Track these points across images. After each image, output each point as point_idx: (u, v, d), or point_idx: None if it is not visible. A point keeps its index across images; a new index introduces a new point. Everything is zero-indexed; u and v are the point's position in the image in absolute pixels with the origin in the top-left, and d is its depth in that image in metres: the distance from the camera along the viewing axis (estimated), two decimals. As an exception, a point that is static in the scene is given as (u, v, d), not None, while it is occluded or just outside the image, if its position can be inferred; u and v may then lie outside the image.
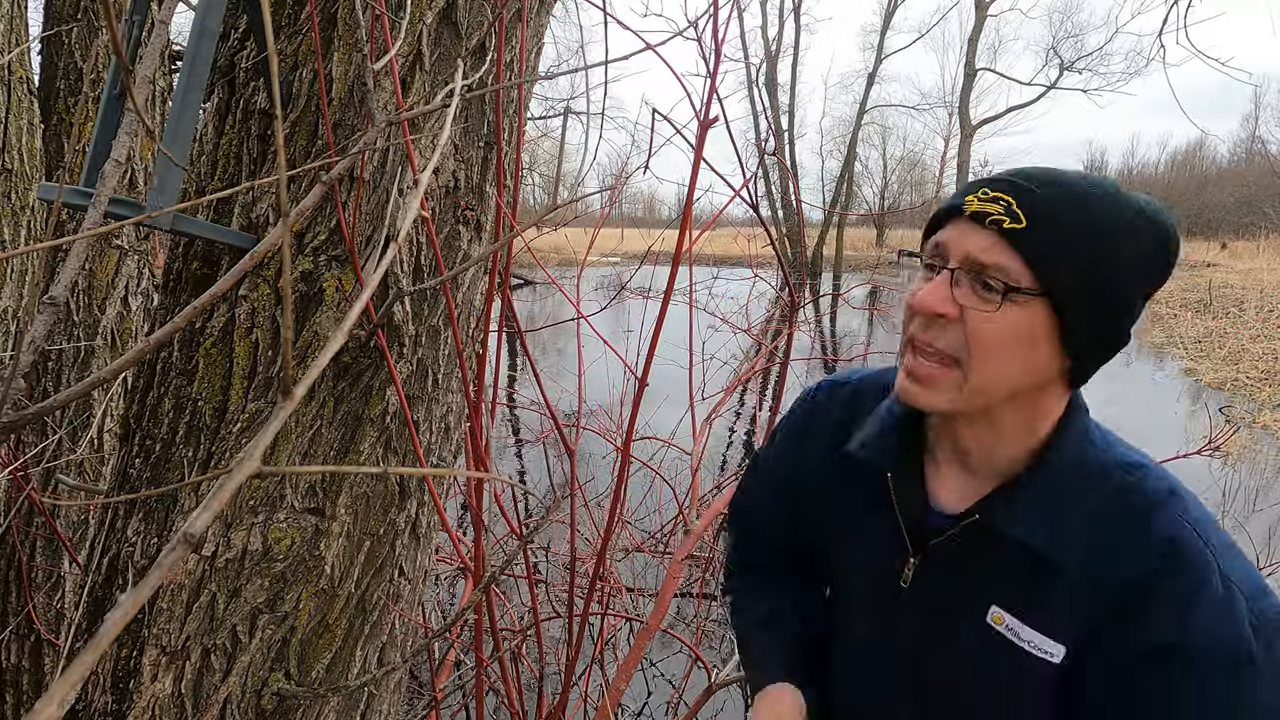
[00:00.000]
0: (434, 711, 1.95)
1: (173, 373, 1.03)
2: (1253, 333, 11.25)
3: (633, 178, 4.16)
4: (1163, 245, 0.65)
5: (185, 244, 1.06)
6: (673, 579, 2.38)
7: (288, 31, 1.01)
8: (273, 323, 1.00)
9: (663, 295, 1.01)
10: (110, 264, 1.95)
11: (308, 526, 1.02)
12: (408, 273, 1.05)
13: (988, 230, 0.63)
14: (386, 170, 1.02)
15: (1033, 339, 0.64)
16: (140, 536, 1.02)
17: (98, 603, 1.06)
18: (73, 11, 1.93)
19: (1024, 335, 0.63)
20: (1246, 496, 5.25)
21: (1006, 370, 0.65)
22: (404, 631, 1.22)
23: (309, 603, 1.03)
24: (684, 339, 2.73)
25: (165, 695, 0.98)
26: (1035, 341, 0.64)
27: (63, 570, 1.92)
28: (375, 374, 1.04)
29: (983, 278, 0.63)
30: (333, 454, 1.03)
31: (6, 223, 1.78)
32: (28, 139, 1.81)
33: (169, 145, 0.86)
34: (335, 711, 1.10)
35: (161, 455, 1.03)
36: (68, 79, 1.94)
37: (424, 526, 1.18)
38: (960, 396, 0.66)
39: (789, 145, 26.19)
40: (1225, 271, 19.01)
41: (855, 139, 27.91)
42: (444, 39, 1.04)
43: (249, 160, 1.02)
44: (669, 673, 3.08)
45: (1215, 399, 8.24)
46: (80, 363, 1.93)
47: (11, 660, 1.87)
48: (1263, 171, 34.72)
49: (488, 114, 1.11)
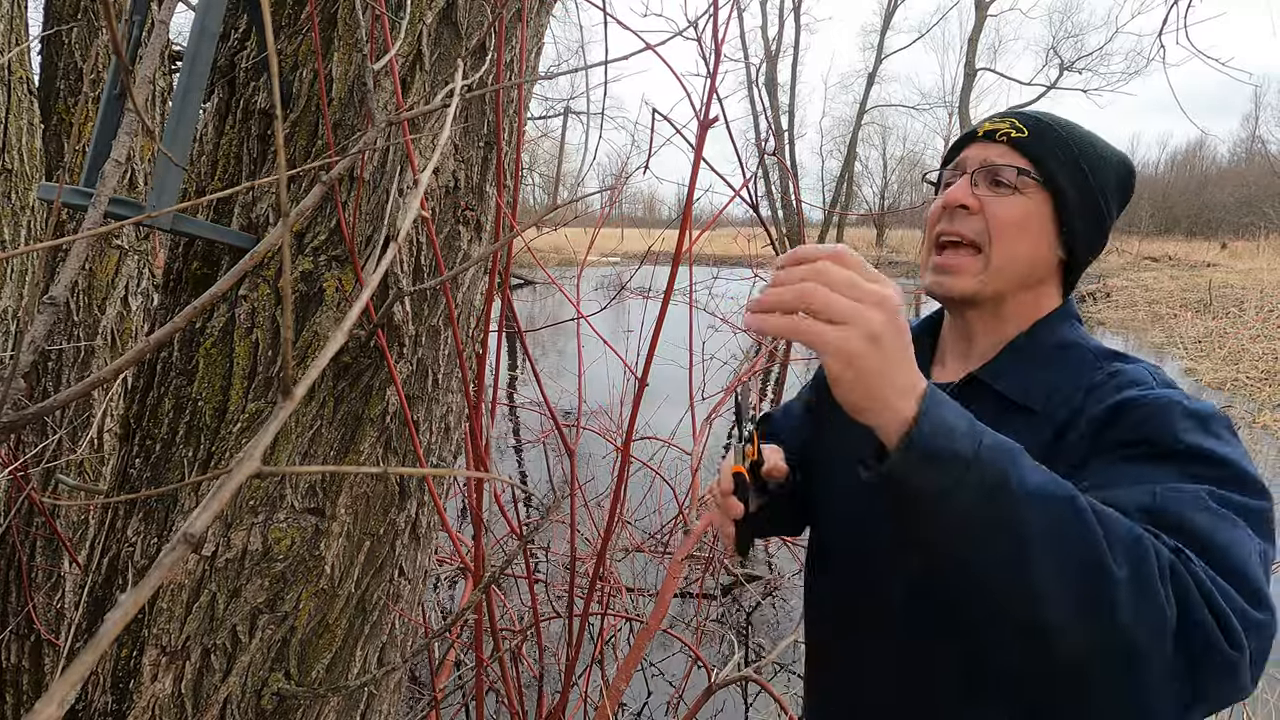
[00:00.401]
0: (434, 711, 1.95)
1: (173, 373, 1.03)
2: (1253, 333, 11.25)
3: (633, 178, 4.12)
4: (1125, 166, 0.84)
5: (185, 244, 1.06)
6: (673, 579, 2.38)
7: (288, 31, 1.01)
8: (273, 323, 1.00)
9: (663, 295, 1.01)
10: (110, 264, 1.95)
11: (308, 526, 1.02)
12: (408, 273, 1.06)
13: (998, 143, 0.81)
14: (386, 170, 1.02)
15: (1040, 224, 0.80)
16: (140, 536, 1.02)
17: (98, 603, 1.06)
18: (73, 11, 1.93)
19: (1032, 220, 0.79)
20: (1246, 496, 5.24)
21: (1018, 249, 0.79)
22: (404, 631, 1.22)
23: (309, 603, 1.03)
24: (684, 339, 2.73)
25: (165, 695, 0.98)
26: (1041, 227, 0.80)
27: (63, 570, 1.92)
28: (375, 374, 1.04)
29: (996, 176, 0.80)
30: (333, 454, 1.03)
31: (6, 223, 1.78)
32: (28, 139, 1.81)
33: (169, 145, 0.86)
34: (335, 711, 1.10)
35: (161, 455, 1.03)
36: (68, 79, 1.94)
37: (424, 526, 1.18)
38: (984, 278, 0.80)
39: (789, 145, 26.19)
40: (1225, 271, 19.01)
41: (855, 139, 27.94)
42: (444, 39, 1.04)
43: (249, 160, 1.02)
44: (669, 673, 3.08)
45: (1215, 399, 8.24)
46: (80, 363, 1.93)
47: (11, 660, 1.87)
48: (1263, 171, 34.70)
49: (488, 114, 1.11)
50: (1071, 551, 0.53)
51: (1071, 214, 0.80)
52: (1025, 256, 0.80)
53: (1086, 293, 17.98)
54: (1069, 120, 0.84)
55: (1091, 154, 0.80)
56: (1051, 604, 0.53)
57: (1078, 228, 0.80)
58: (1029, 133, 0.80)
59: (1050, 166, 0.79)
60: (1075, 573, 0.53)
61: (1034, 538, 0.53)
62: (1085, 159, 0.80)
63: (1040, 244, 0.80)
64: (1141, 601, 0.52)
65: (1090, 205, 0.81)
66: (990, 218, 0.79)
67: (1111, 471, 0.66)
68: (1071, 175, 0.79)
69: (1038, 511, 0.53)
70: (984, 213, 0.80)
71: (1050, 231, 0.80)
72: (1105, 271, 22.25)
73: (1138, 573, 0.53)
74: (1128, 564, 0.53)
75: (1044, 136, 0.80)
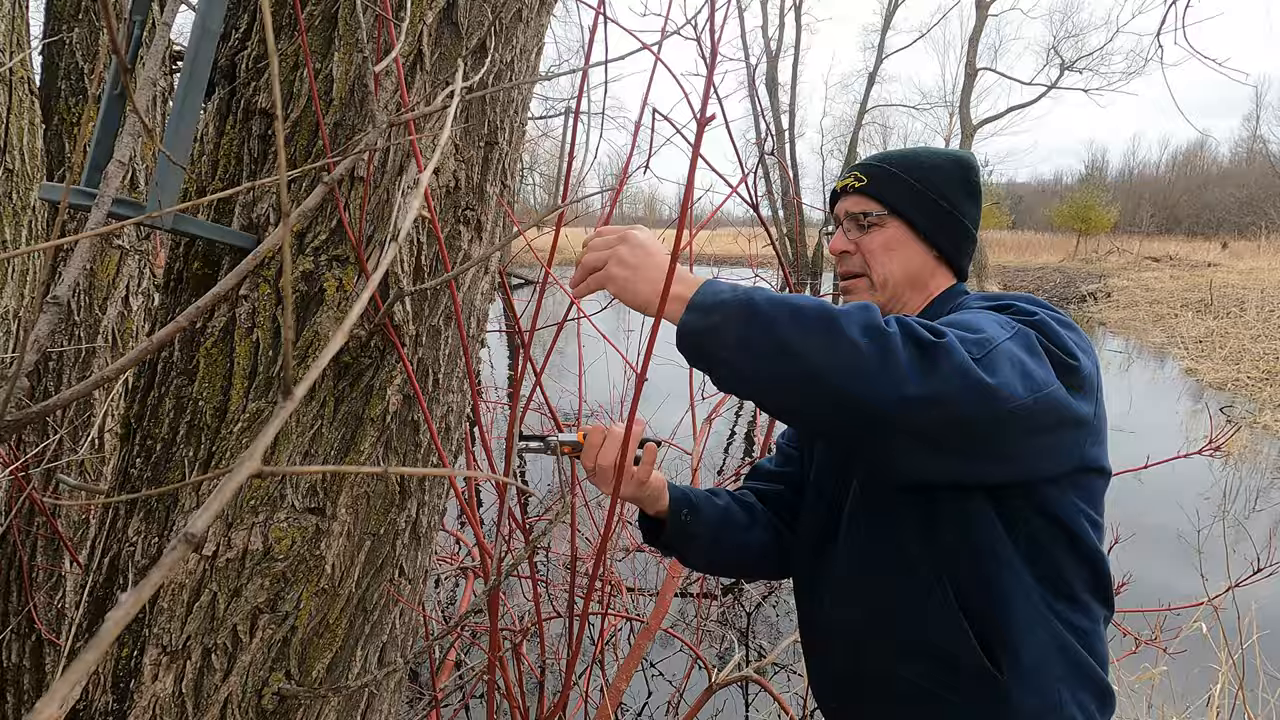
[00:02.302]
0: (434, 711, 1.95)
1: (174, 372, 1.03)
2: (1254, 332, 11.24)
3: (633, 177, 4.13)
4: (959, 162, 1.05)
5: (186, 244, 1.06)
6: (673, 579, 2.38)
7: (288, 31, 1.01)
8: (273, 322, 1.00)
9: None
10: (111, 264, 1.95)
11: (308, 526, 1.02)
12: (408, 273, 1.06)
13: (851, 195, 1.05)
14: (387, 170, 1.02)
15: (901, 242, 1.02)
16: (141, 536, 1.02)
17: (98, 602, 1.06)
18: (74, 12, 1.93)
19: (893, 241, 1.02)
20: (1247, 496, 5.25)
21: (891, 266, 1.02)
22: (404, 631, 1.22)
23: (310, 602, 1.03)
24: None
25: (166, 695, 0.98)
26: (903, 243, 1.02)
27: (63, 570, 1.92)
28: (376, 374, 1.04)
29: (856, 219, 1.05)
30: (333, 454, 1.03)
31: (8, 223, 1.78)
32: (29, 139, 1.81)
33: (169, 145, 0.86)
34: (335, 711, 1.10)
35: (162, 455, 1.03)
36: (69, 79, 1.94)
37: (424, 526, 1.18)
38: (875, 293, 1.04)
39: (790, 145, 26.17)
40: (1226, 271, 18.98)
41: (856, 139, 27.91)
42: (444, 39, 1.05)
43: (250, 160, 1.03)
44: (669, 673, 3.08)
45: (1216, 399, 8.23)
46: (81, 363, 1.93)
47: (12, 660, 1.87)
48: (1264, 171, 34.67)
49: (488, 114, 1.11)
50: (811, 320, 0.72)
51: (921, 224, 1.02)
52: (899, 267, 1.02)
53: (1087, 292, 17.96)
54: (902, 151, 1.06)
55: (919, 171, 1.02)
56: (811, 357, 0.71)
57: (930, 229, 1.02)
58: (868, 179, 1.03)
59: (889, 199, 1.02)
60: (816, 327, 0.72)
61: (780, 321, 0.73)
62: (913, 177, 1.02)
63: (909, 254, 1.02)
64: (867, 329, 0.71)
65: (932, 210, 1.02)
66: (864, 251, 1.04)
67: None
68: (907, 196, 1.02)
69: (780, 311, 0.73)
70: (860, 249, 1.04)
71: (913, 242, 1.02)
72: (1106, 271, 22.23)
73: (863, 309, 0.73)
74: (858, 310, 0.73)
75: (877, 178, 1.03)
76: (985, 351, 0.72)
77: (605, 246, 0.85)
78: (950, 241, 1.04)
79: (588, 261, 0.87)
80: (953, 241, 1.04)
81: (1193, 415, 7.41)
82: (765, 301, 0.74)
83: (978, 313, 0.83)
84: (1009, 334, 0.77)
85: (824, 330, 0.72)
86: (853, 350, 0.70)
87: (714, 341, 0.76)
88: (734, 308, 0.75)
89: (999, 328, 0.77)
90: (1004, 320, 0.80)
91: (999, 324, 0.78)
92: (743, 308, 0.74)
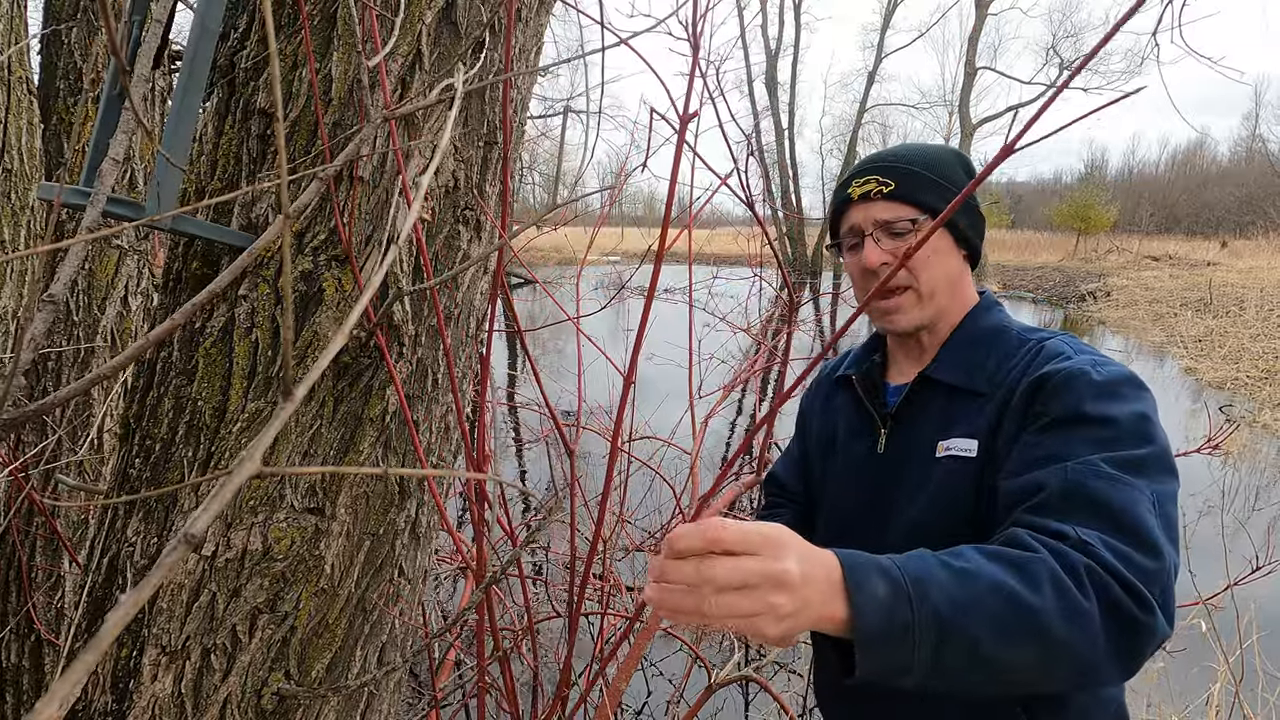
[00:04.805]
0: (434, 711, 1.95)
1: (172, 373, 1.03)
2: (1253, 331, 11.24)
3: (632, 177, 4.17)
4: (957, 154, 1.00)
5: (185, 244, 1.06)
6: (673, 578, 2.37)
7: (287, 31, 1.01)
8: (272, 322, 1.00)
9: (660, 294, 1.01)
10: (110, 264, 1.95)
11: (308, 526, 1.02)
12: (407, 272, 1.06)
13: (876, 200, 0.95)
14: (386, 170, 1.02)
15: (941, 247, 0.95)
16: (140, 536, 1.02)
17: (98, 602, 1.06)
18: (72, 11, 1.93)
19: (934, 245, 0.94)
20: (1246, 496, 5.25)
21: (936, 273, 0.95)
22: (404, 631, 1.22)
23: (309, 602, 1.03)
24: (683, 338, 2.73)
25: (165, 695, 0.98)
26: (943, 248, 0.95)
27: (63, 570, 1.92)
28: (375, 374, 1.04)
29: (892, 229, 0.95)
30: (333, 454, 1.03)
31: (6, 222, 1.78)
32: (27, 139, 1.81)
33: (169, 145, 0.86)
34: (335, 711, 1.10)
35: (161, 455, 1.03)
36: (67, 79, 1.94)
37: (424, 526, 1.18)
38: (922, 307, 0.95)
39: (789, 143, 26.16)
40: (1225, 270, 18.98)
41: (855, 138, 27.90)
42: (443, 38, 1.04)
43: (248, 160, 1.02)
44: (669, 672, 3.08)
45: (1215, 398, 8.24)
46: (80, 363, 1.93)
47: (11, 660, 1.87)
48: (1263, 170, 34.68)
49: (487, 113, 1.11)
50: (1012, 627, 0.61)
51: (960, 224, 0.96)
52: (943, 275, 0.96)
53: (1086, 292, 17.96)
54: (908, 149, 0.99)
55: (938, 167, 0.96)
56: (1019, 669, 0.62)
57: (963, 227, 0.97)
58: (896, 183, 0.94)
59: (927, 202, 0.94)
60: (1022, 637, 0.61)
61: (983, 639, 0.61)
62: (935, 173, 0.95)
63: (948, 259, 0.96)
64: (1070, 616, 0.62)
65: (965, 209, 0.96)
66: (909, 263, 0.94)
67: (1036, 442, 0.79)
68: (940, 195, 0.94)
69: (974, 619, 0.61)
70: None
71: (948, 245, 0.96)
72: (1106, 271, 22.23)
73: (1061, 595, 0.62)
74: (1052, 591, 0.63)
75: (906, 180, 0.95)
76: (1164, 591, 0.66)
77: (739, 587, 0.58)
78: (980, 239, 1.00)
79: (691, 606, 0.59)
80: (980, 239, 1.01)
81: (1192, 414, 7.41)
82: (948, 606, 0.60)
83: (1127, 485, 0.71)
84: (1173, 545, 0.70)
85: (1032, 636, 0.61)
86: (1070, 655, 0.62)
87: (900, 679, 0.62)
88: (919, 633, 0.60)
89: (1162, 532, 0.69)
90: (1160, 499, 0.71)
91: (1156, 513, 0.70)
92: (930, 630, 0.60)
